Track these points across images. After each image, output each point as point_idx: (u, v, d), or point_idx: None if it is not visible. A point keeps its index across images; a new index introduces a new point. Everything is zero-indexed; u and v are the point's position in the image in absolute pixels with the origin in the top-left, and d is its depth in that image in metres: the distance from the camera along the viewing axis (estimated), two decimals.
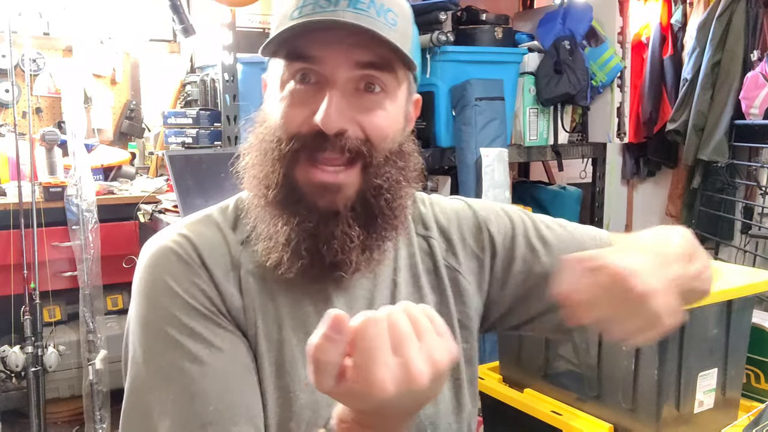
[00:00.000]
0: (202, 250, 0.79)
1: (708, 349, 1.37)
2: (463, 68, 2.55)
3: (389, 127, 0.78)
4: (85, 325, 2.75)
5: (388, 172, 0.78)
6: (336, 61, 0.74)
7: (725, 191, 3.50)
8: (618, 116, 3.10)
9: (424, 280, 0.89)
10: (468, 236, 0.93)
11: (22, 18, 2.94)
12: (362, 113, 0.76)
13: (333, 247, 0.76)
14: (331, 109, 0.73)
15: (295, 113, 0.76)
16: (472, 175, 2.50)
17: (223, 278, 0.78)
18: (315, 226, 0.76)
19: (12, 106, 2.78)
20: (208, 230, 0.81)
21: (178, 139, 2.88)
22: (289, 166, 0.76)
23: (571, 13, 2.89)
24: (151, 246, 0.80)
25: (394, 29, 0.75)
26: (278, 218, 0.77)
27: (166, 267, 0.77)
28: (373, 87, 0.76)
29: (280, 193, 0.77)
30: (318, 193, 0.76)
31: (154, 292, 0.77)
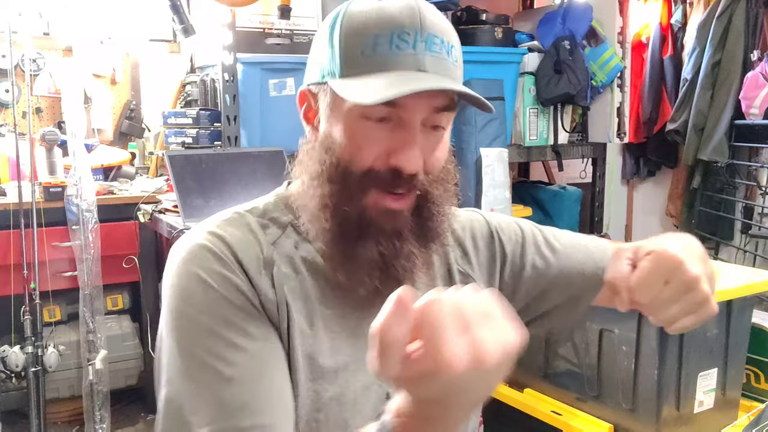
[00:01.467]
0: (235, 247, 0.79)
1: (708, 349, 1.37)
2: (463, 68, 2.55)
3: (445, 157, 0.84)
4: (85, 325, 2.75)
5: (441, 197, 0.84)
6: (419, 107, 0.77)
7: (725, 191, 3.50)
8: (618, 116, 3.10)
9: (439, 285, 0.92)
10: (481, 244, 0.98)
11: (22, 18, 2.94)
12: (432, 154, 0.81)
13: (402, 265, 0.81)
14: (416, 155, 0.77)
15: (370, 150, 0.78)
16: (472, 175, 2.50)
17: (256, 274, 0.79)
18: (385, 247, 0.80)
19: (12, 106, 2.78)
20: (238, 230, 0.82)
21: (178, 139, 2.88)
22: (359, 196, 0.79)
23: (571, 13, 2.89)
24: (182, 245, 0.81)
25: (457, 66, 0.80)
26: (348, 244, 0.80)
27: (199, 262, 0.78)
28: (439, 126, 0.81)
29: (352, 220, 0.80)
30: (385, 217, 0.80)
31: (189, 286, 0.77)
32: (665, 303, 0.74)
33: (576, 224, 3.12)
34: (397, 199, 0.80)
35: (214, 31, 2.67)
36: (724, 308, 1.36)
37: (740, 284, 1.36)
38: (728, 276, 1.44)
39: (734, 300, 1.36)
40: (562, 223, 3.07)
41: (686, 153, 3.49)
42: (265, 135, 2.59)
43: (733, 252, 3.52)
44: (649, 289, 0.74)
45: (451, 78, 0.79)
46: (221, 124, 2.67)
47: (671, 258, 0.73)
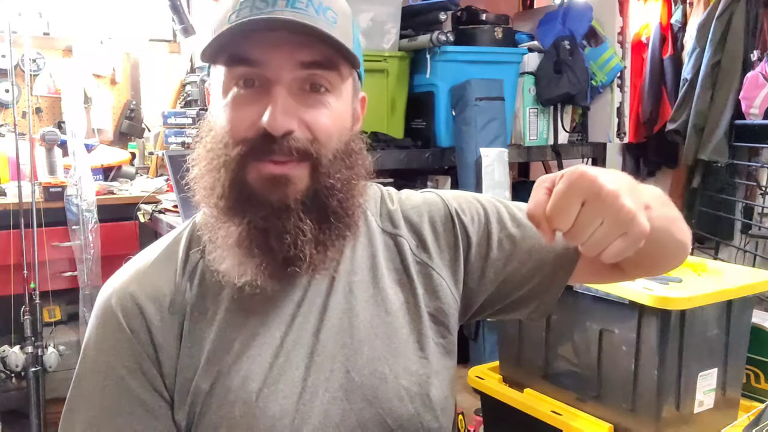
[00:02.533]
0: (142, 302, 0.80)
1: (708, 349, 1.37)
2: (463, 68, 2.55)
3: (335, 125, 0.78)
4: (85, 325, 2.75)
5: (338, 171, 0.78)
6: (279, 62, 0.74)
7: (725, 191, 3.50)
8: (618, 116, 3.10)
9: (387, 280, 0.87)
10: (440, 229, 0.92)
11: (22, 18, 2.94)
12: (308, 113, 0.75)
13: (285, 241, 0.75)
14: (277, 110, 0.73)
15: (241, 117, 0.75)
16: (472, 175, 2.50)
17: (159, 331, 0.80)
18: (265, 220, 0.75)
19: (12, 106, 2.78)
20: (155, 274, 0.83)
21: (178, 139, 2.88)
22: (237, 169, 0.75)
23: (571, 13, 2.89)
24: (101, 293, 0.84)
25: (335, 27, 0.75)
26: (230, 222, 0.76)
27: (99, 327, 0.82)
28: (318, 87, 0.76)
29: (230, 197, 0.76)
30: (267, 187, 0.75)
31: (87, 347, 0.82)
32: (585, 226, 0.65)
33: None
34: (278, 163, 0.74)
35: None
36: (724, 308, 1.36)
37: (740, 284, 1.36)
38: (728, 276, 1.44)
39: (734, 300, 1.36)
40: None
41: (686, 153, 3.48)
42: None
43: (733, 252, 3.52)
44: (565, 213, 0.66)
45: (317, 27, 0.73)
46: None
47: (584, 176, 0.65)
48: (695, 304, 1.27)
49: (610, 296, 1.36)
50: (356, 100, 0.84)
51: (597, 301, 1.39)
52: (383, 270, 0.88)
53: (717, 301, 1.32)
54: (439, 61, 2.51)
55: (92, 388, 0.80)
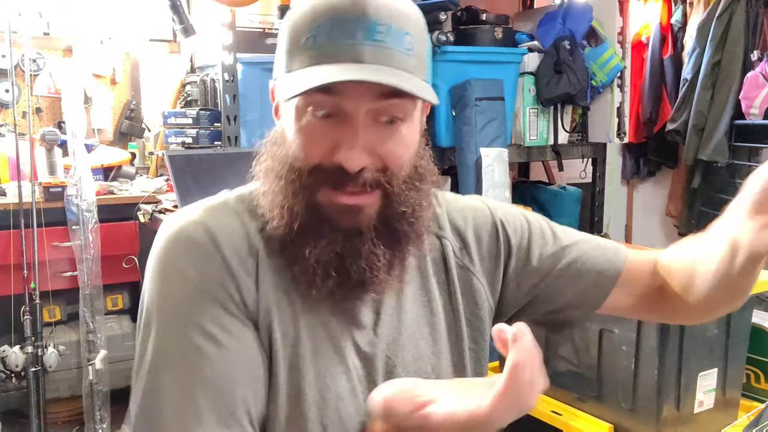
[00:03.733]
0: (219, 236, 0.77)
1: (708, 349, 1.37)
2: (463, 68, 2.55)
3: (407, 153, 0.78)
4: (85, 325, 2.75)
5: (410, 197, 0.79)
6: (358, 94, 0.73)
7: (725, 191, 3.50)
8: (618, 116, 3.10)
9: (433, 281, 0.89)
10: (484, 236, 0.93)
11: (22, 18, 2.94)
12: (382, 146, 0.76)
13: (361, 266, 0.77)
14: (355, 150, 0.73)
15: (315, 147, 0.75)
16: (472, 175, 2.50)
17: (239, 266, 0.77)
18: (342, 246, 0.76)
19: (12, 106, 2.77)
20: (225, 216, 0.81)
21: (178, 139, 2.88)
22: (311, 195, 0.76)
23: (571, 13, 2.89)
24: (166, 230, 0.79)
25: (411, 55, 0.75)
26: (305, 243, 0.77)
27: (180, 252, 0.77)
28: (391, 119, 0.76)
29: (305, 219, 0.77)
30: (341, 214, 0.76)
31: (168, 278, 0.77)
32: None
33: (576, 224, 3.12)
34: (351, 195, 0.75)
35: (214, 31, 2.67)
36: None
37: None
38: None
39: None
40: (562, 223, 3.07)
41: (686, 153, 3.49)
42: (265, 135, 2.60)
43: None
44: None
45: (397, 67, 0.73)
46: (221, 124, 2.67)
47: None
48: None
49: None
50: (423, 115, 0.84)
51: None
52: (429, 271, 0.89)
53: None
54: (439, 61, 2.51)
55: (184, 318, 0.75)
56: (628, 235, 4.15)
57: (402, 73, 0.73)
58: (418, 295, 0.88)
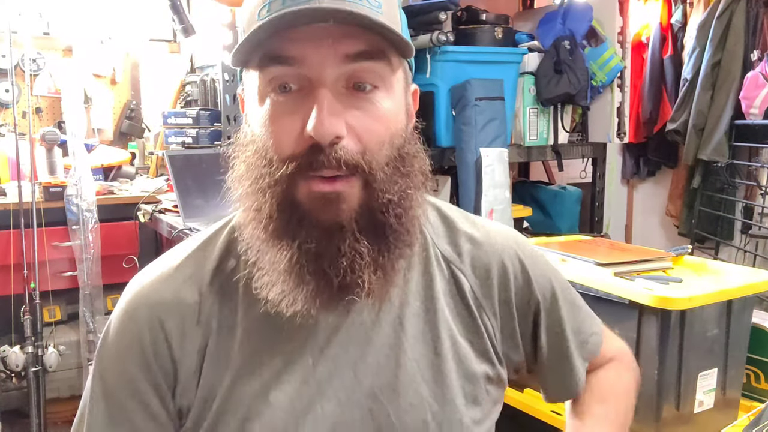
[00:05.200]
0: (163, 315, 0.74)
1: (708, 349, 1.37)
2: (463, 68, 2.55)
3: (388, 129, 0.68)
4: (85, 325, 2.75)
5: (394, 183, 0.68)
6: (320, 57, 0.64)
7: (725, 191, 3.50)
8: (618, 116, 3.10)
9: (444, 315, 0.79)
10: (511, 283, 0.85)
11: (22, 18, 2.94)
12: (356, 117, 0.66)
13: (341, 266, 0.67)
14: (323, 114, 0.63)
15: (284, 129, 0.66)
16: (472, 175, 2.50)
17: (180, 341, 0.74)
18: (317, 244, 0.67)
19: (12, 106, 2.78)
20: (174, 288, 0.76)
21: (178, 139, 2.88)
22: (286, 190, 0.67)
23: (571, 13, 2.89)
24: (122, 299, 0.79)
25: (380, 12, 0.65)
26: (279, 246, 0.68)
27: (115, 336, 0.76)
28: (365, 85, 0.67)
29: (279, 219, 0.68)
30: (318, 206, 0.66)
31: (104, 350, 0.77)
32: None
33: (576, 224, 3.12)
34: (328, 180, 0.65)
35: (214, 31, 2.67)
36: (724, 308, 1.36)
37: (740, 284, 1.36)
38: (728, 276, 1.44)
39: (734, 300, 1.36)
40: (562, 223, 3.07)
41: (686, 153, 3.49)
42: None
43: (733, 252, 3.52)
44: None
45: (363, 13, 0.63)
46: (221, 124, 2.67)
47: None
48: (695, 304, 1.27)
49: (610, 296, 1.36)
50: (408, 94, 0.76)
51: (597, 301, 1.39)
52: (441, 304, 0.79)
53: (717, 301, 1.32)
54: (439, 61, 2.51)
55: (104, 391, 0.75)
56: (628, 235, 4.15)
57: (370, 16, 0.63)
58: (421, 331, 0.78)
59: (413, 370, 0.75)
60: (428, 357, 0.77)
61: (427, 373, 0.76)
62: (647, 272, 1.45)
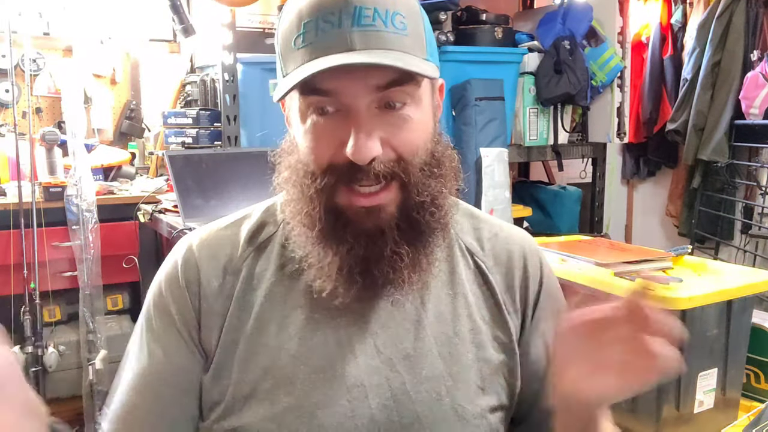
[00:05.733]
0: (202, 266, 0.83)
1: (708, 349, 1.37)
2: (463, 68, 2.55)
3: (419, 138, 0.76)
4: (85, 325, 2.75)
5: (428, 185, 0.76)
6: (353, 90, 0.72)
7: (725, 191, 3.50)
8: (618, 116, 3.10)
9: (468, 299, 0.85)
10: (530, 282, 0.90)
11: (22, 18, 2.94)
12: (390, 133, 0.74)
13: (384, 268, 0.75)
14: (361, 141, 0.71)
15: (323, 147, 0.74)
16: (472, 175, 2.50)
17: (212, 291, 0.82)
18: (364, 249, 0.75)
19: (12, 106, 2.78)
20: (221, 242, 0.85)
21: (178, 139, 2.88)
22: (329, 197, 0.75)
23: (571, 13, 2.89)
24: (174, 249, 0.87)
25: (405, 35, 0.73)
26: (328, 248, 0.76)
27: (165, 273, 0.86)
28: (394, 104, 0.73)
29: (326, 224, 0.76)
30: (361, 216, 0.75)
31: (151, 291, 0.87)
32: None
33: (576, 224, 3.12)
34: (368, 196, 0.74)
35: (214, 31, 2.67)
36: (724, 308, 1.36)
37: (740, 284, 1.36)
38: (728, 276, 1.44)
39: (734, 300, 1.36)
40: (562, 223, 3.07)
41: (686, 153, 3.49)
42: (265, 135, 2.60)
43: (733, 252, 3.52)
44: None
45: (391, 49, 0.71)
46: (221, 124, 2.67)
47: None
48: (695, 304, 1.27)
49: (610, 296, 1.36)
50: (435, 94, 0.82)
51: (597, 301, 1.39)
52: (466, 290, 0.86)
53: (717, 301, 1.32)
54: (439, 61, 2.51)
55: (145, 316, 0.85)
56: (628, 235, 4.15)
57: (394, 53, 0.71)
58: (441, 311, 0.84)
59: (430, 345, 0.81)
60: (447, 335, 0.83)
61: (444, 350, 0.82)
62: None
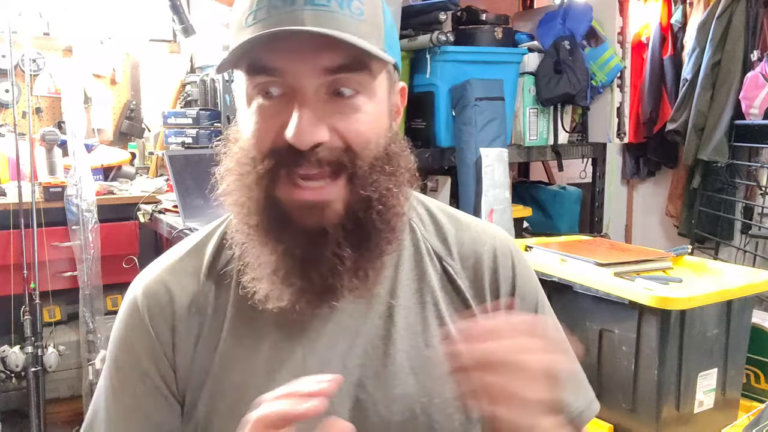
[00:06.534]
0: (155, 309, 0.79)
1: (708, 349, 1.37)
2: (463, 68, 2.55)
3: (371, 131, 0.71)
4: (85, 325, 2.75)
5: (376, 181, 0.71)
6: (301, 70, 0.67)
7: (725, 191, 3.50)
8: (618, 116, 3.10)
9: (440, 308, 0.80)
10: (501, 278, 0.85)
11: (22, 18, 2.94)
12: (339, 120, 0.69)
13: (322, 272, 0.70)
14: (302, 124, 0.66)
15: (266, 129, 0.70)
16: (472, 175, 2.50)
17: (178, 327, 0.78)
18: (303, 250, 0.70)
19: (12, 106, 2.78)
20: (178, 278, 0.80)
21: (178, 139, 2.88)
22: (268, 186, 0.70)
23: (571, 13, 2.89)
24: (130, 289, 0.83)
25: (362, 20, 0.68)
26: (264, 246, 0.72)
27: (124, 319, 0.81)
28: (342, 92, 0.69)
29: (264, 217, 0.71)
30: (303, 213, 0.70)
31: (114, 337, 0.82)
32: None
33: (576, 224, 3.12)
34: (311, 188, 0.69)
35: (214, 31, 2.67)
36: (724, 308, 1.36)
37: (740, 284, 1.36)
38: (728, 276, 1.44)
39: (734, 300, 1.36)
40: (562, 223, 3.07)
41: (686, 153, 3.49)
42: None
43: (733, 252, 3.52)
44: None
45: (345, 31, 0.66)
46: (221, 123, 2.67)
47: None
48: (695, 304, 1.27)
49: (610, 296, 1.36)
50: (394, 94, 0.77)
51: (597, 301, 1.39)
52: (436, 298, 0.81)
53: (717, 301, 1.32)
54: (439, 61, 2.51)
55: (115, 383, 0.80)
56: (627, 235, 4.15)
57: (345, 36, 0.66)
58: (411, 323, 0.78)
59: (401, 361, 0.77)
60: (418, 349, 0.78)
61: (416, 365, 0.77)
62: (647, 272, 1.45)
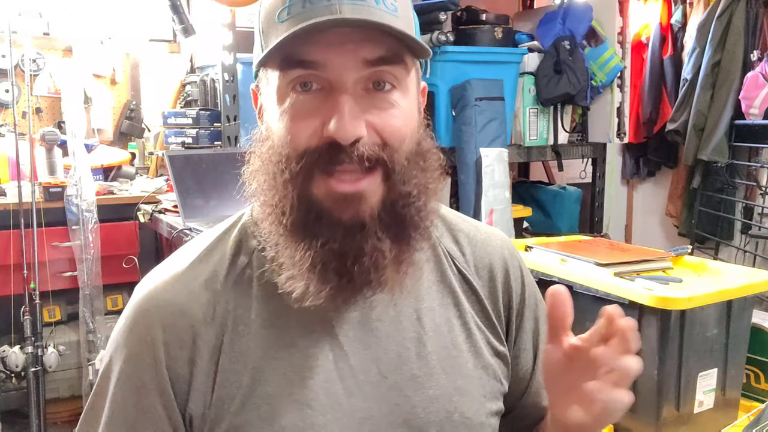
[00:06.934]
0: (178, 315, 0.72)
1: (708, 349, 1.37)
2: (463, 68, 2.55)
3: (406, 126, 0.70)
4: (85, 325, 2.75)
5: (414, 176, 0.70)
6: (342, 63, 0.66)
7: (725, 191, 3.50)
8: (618, 116, 3.10)
9: (461, 309, 0.82)
10: (513, 287, 0.87)
11: (22, 18, 2.94)
12: (376, 115, 0.68)
13: (364, 265, 0.68)
14: (346, 117, 0.65)
15: (303, 126, 0.68)
16: (472, 175, 2.50)
17: (195, 342, 0.72)
18: (341, 243, 0.68)
19: (12, 106, 2.78)
20: (187, 288, 0.74)
21: (178, 139, 2.88)
22: (303, 185, 0.68)
23: (571, 13, 2.89)
24: (132, 300, 0.76)
25: (396, 16, 0.68)
26: (300, 243, 0.69)
27: (125, 335, 0.74)
28: (383, 85, 0.69)
29: (298, 215, 0.69)
30: (340, 205, 0.68)
31: (111, 352, 0.76)
32: None
33: (576, 224, 3.12)
34: (348, 181, 0.67)
35: (214, 31, 2.67)
36: (724, 308, 1.36)
37: (740, 284, 1.36)
38: (728, 276, 1.44)
39: (734, 300, 1.36)
40: (562, 223, 3.07)
41: (686, 153, 3.49)
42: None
43: (733, 252, 3.52)
44: None
45: (383, 22, 0.66)
46: (221, 124, 2.67)
47: None
48: (695, 304, 1.27)
49: (610, 296, 1.36)
50: (419, 92, 0.78)
51: (597, 301, 1.39)
52: (457, 299, 0.82)
53: (717, 301, 1.32)
54: (439, 61, 2.51)
55: (115, 397, 0.73)
56: (627, 235, 4.15)
57: (390, 24, 0.66)
58: (438, 324, 0.79)
59: (433, 362, 0.77)
60: (447, 349, 0.79)
61: (447, 365, 0.78)
62: (647, 272, 1.45)
